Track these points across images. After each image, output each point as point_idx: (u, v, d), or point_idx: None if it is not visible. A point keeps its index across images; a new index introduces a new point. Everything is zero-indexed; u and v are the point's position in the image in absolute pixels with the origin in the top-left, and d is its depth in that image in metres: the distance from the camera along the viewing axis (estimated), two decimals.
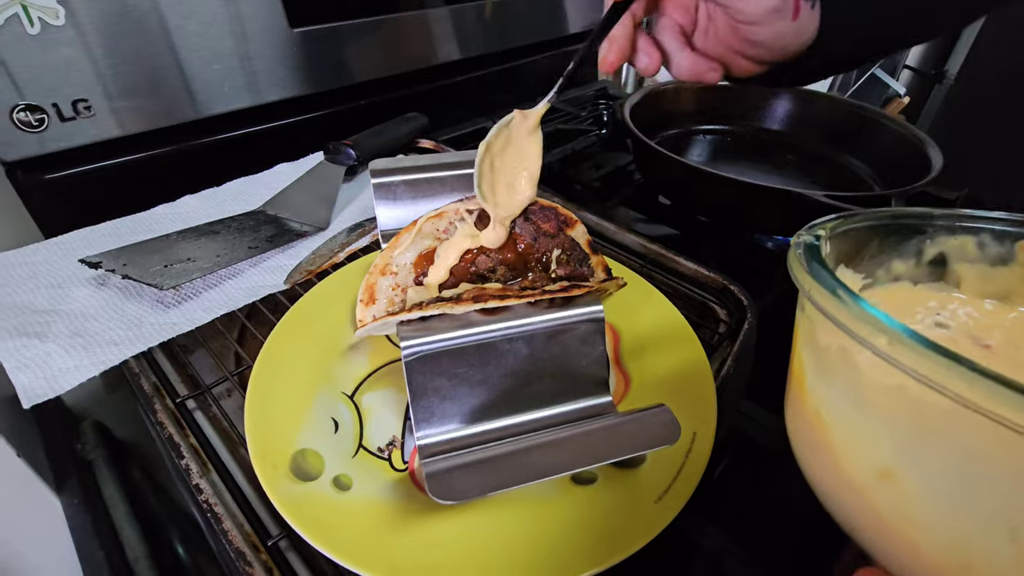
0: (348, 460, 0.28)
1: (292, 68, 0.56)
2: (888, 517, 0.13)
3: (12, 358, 0.32)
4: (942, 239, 0.21)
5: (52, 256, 0.41)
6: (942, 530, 0.12)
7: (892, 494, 0.13)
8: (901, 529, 0.13)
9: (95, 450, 0.55)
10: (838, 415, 0.15)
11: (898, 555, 0.14)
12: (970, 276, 0.21)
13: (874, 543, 0.15)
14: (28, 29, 0.41)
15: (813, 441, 0.16)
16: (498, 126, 0.33)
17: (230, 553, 0.25)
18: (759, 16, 0.30)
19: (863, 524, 0.15)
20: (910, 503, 0.13)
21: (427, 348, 0.27)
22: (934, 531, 0.12)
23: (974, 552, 0.12)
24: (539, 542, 0.24)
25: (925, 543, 0.13)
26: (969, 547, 0.12)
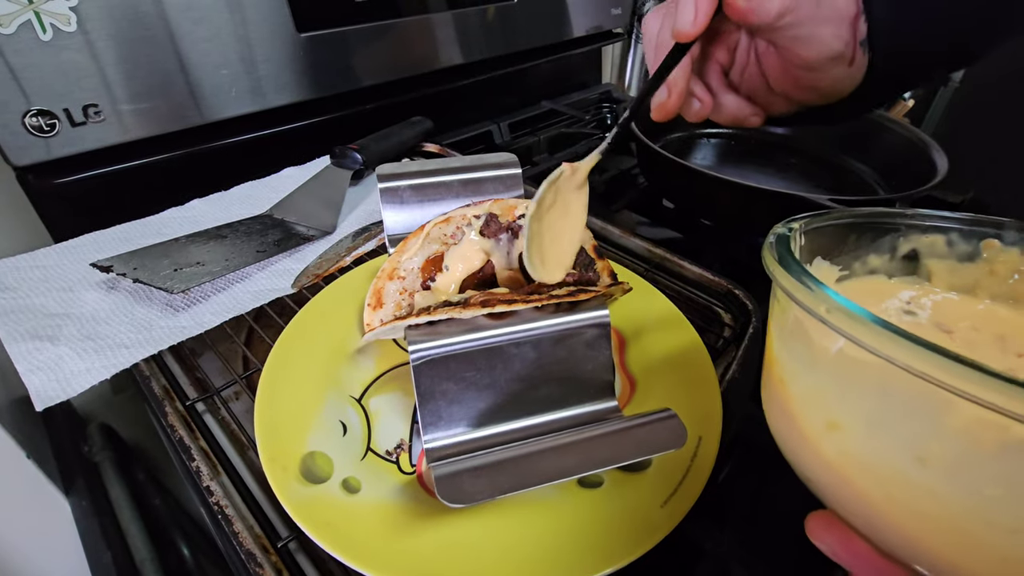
0: (357, 463, 0.28)
1: (299, 73, 0.56)
2: (833, 461, 0.16)
3: (25, 361, 0.33)
4: (915, 236, 0.23)
5: (63, 260, 0.41)
6: (871, 466, 0.15)
7: (836, 442, 0.16)
8: (842, 470, 0.16)
9: (102, 452, 0.56)
10: (795, 378, 0.18)
11: (840, 495, 0.17)
12: (940, 271, 0.23)
13: (822, 487, 0.18)
14: (40, 35, 0.42)
15: (778, 405, 0.19)
16: (547, 183, 0.30)
17: (240, 555, 0.25)
18: (819, 63, 0.29)
19: (815, 472, 0.17)
20: (849, 447, 0.16)
21: (435, 352, 0.28)
22: (866, 469, 0.15)
23: (893, 481, 0.15)
24: (546, 545, 0.24)
25: (859, 480, 0.16)
26: (890, 477, 0.15)
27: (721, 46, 0.33)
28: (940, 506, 0.14)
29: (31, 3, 0.41)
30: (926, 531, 0.14)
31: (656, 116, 0.33)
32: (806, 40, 0.29)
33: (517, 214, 0.35)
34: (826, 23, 0.28)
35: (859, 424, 0.15)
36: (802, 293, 0.16)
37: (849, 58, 0.29)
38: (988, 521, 0.13)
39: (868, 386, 0.15)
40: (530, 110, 0.81)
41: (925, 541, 0.14)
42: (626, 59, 1.04)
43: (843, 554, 0.17)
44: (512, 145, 0.71)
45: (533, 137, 0.72)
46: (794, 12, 0.28)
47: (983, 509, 0.13)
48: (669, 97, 0.32)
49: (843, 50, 0.29)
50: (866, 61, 0.30)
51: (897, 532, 0.15)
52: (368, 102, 0.64)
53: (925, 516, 0.14)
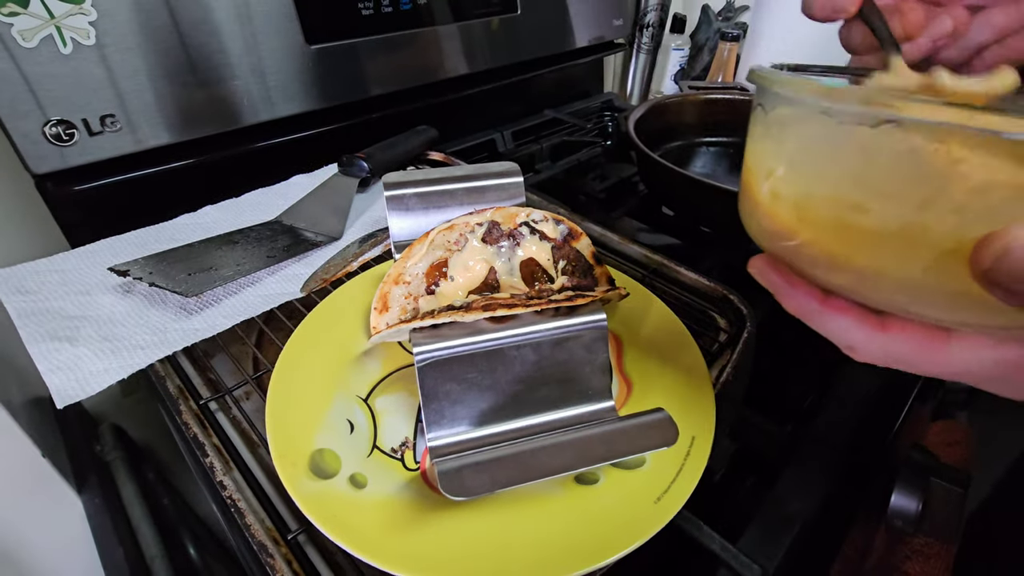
0: (363, 460, 0.29)
1: (308, 83, 0.58)
2: (767, 205, 0.21)
3: (45, 360, 0.34)
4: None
5: (81, 264, 0.43)
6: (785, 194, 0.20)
7: (769, 185, 0.20)
8: (771, 207, 0.20)
9: (113, 451, 0.57)
10: (753, 152, 0.22)
11: (770, 232, 0.21)
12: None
13: (762, 233, 0.22)
14: (61, 49, 0.43)
15: (745, 192, 0.23)
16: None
17: (252, 546, 0.26)
18: None
19: (759, 221, 0.22)
20: (776, 185, 0.20)
21: (438, 354, 0.29)
22: (783, 197, 0.20)
23: (798, 197, 0.19)
24: (544, 538, 0.25)
25: (779, 211, 0.20)
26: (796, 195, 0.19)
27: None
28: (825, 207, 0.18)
29: (52, 18, 0.43)
30: (818, 236, 0.19)
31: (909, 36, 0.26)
32: None
33: (518, 221, 0.36)
34: None
35: (780, 165, 0.20)
36: (761, 77, 0.20)
37: None
38: (856, 206, 0.17)
39: (785, 131, 0.20)
40: (533, 119, 0.82)
41: (818, 246, 0.19)
42: (628, 69, 1.06)
43: (768, 276, 0.21)
44: (515, 153, 0.73)
45: (536, 145, 0.74)
46: None
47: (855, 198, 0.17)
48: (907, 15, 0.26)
49: None
50: None
51: (804, 249, 0.19)
52: (375, 111, 0.65)
53: (818, 222, 0.19)
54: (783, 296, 0.21)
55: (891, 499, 0.35)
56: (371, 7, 0.59)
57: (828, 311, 0.20)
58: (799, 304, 0.20)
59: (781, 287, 0.21)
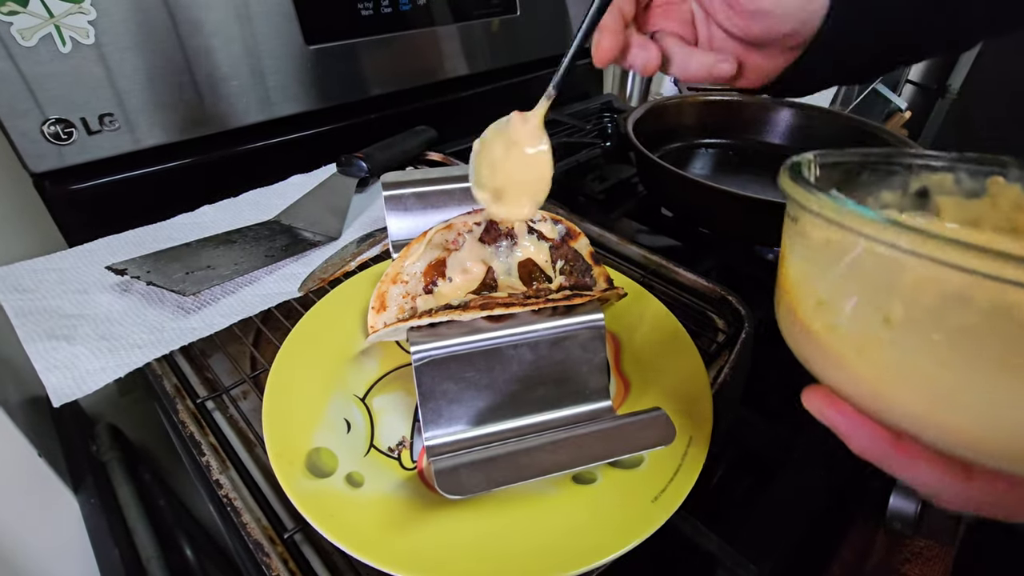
0: (360, 459, 0.29)
1: (307, 83, 0.58)
2: (821, 335, 0.19)
3: (42, 359, 0.34)
4: (925, 175, 0.25)
5: (78, 263, 0.43)
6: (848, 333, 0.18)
7: (822, 317, 0.19)
8: (828, 342, 0.19)
9: (109, 452, 0.57)
10: (794, 274, 0.20)
11: (828, 365, 0.19)
12: (948, 206, 0.25)
13: (815, 362, 0.20)
14: (60, 48, 0.43)
15: (785, 306, 0.21)
16: (494, 127, 0.31)
17: (249, 545, 0.26)
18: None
19: (809, 350, 0.20)
20: (832, 320, 0.18)
21: (436, 353, 0.29)
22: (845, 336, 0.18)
23: (865, 338, 0.17)
24: (541, 537, 0.25)
25: (840, 347, 0.18)
26: (863, 338, 0.17)
27: (672, 18, 0.32)
28: (901, 356, 0.16)
29: (52, 17, 0.43)
30: (892, 381, 0.17)
31: (595, 57, 0.32)
32: None
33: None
34: None
35: (838, 297, 0.18)
36: (799, 194, 0.19)
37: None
38: (938, 360, 0.16)
39: (844, 263, 0.18)
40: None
41: (891, 390, 0.17)
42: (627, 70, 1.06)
43: (829, 414, 0.19)
44: None
45: None
46: None
47: (931, 352, 0.16)
48: (601, 40, 0.31)
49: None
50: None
51: (870, 387, 0.17)
52: (373, 112, 0.65)
53: (890, 367, 0.17)
54: (847, 438, 0.19)
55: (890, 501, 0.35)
56: (370, 7, 0.59)
57: (903, 458, 0.18)
58: (867, 448, 0.18)
59: (844, 428, 0.19)
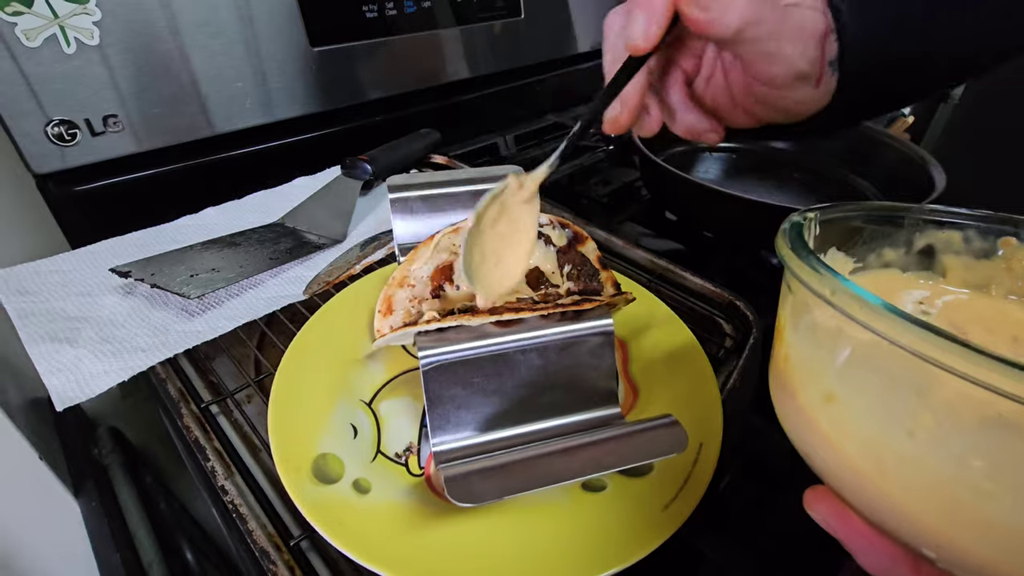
0: (367, 465, 0.29)
1: (311, 86, 0.58)
2: (829, 433, 0.17)
3: (45, 362, 0.34)
4: (931, 232, 0.23)
5: (82, 265, 0.43)
6: (863, 438, 0.16)
7: (831, 414, 0.17)
8: (836, 442, 0.17)
9: (111, 455, 0.57)
10: (798, 356, 0.19)
11: (835, 468, 0.17)
12: (956, 267, 0.23)
13: (819, 460, 0.18)
14: (64, 49, 0.43)
15: (780, 383, 0.20)
16: (489, 195, 0.28)
17: (254, 552, 0.26)
18: (784, 82, 0.27)
19: (812, 445, 0.18)
20: (843, 419, 0.17)
21: (444, 358, 0.29)
22: (858, 441, 0.16)
23: (884, 452, 0.15)
24: (550, 546, 0.25)
25: (852, 452, 0.16)
26: (880, 448, 0.15)
27: (687, 54, 0.31)
28: (927, 476, 0.14)
29: (56, 18, 0.42)
30: (914, 501, 0.15)
31: (607, 130, 0.31)
32: (770, 56, 0.27)
33: None
34: (792, 40, 0.26)
35: (853, 397, 0.16)
36: (808, 275, 0.17)
37: (816, 78, 0.27)
38: (973, 488, 0.14)
39: (863, 362, 0.16)
40: (535, 123, 0.82)
41: (912, 512, 0.15)
42: None
43: (838, 526, 0.17)
44: (518, 157, 0.73)
45: (539, 149, 0.74)
46: (756, 26, 0.26)
47: (967, 478, 0.14)
48: (621, 113, 0.30)
49: (808, 69, 0.27)
50: (835, 83, 0.28)
51: (887, 503, 0.16)
52: (378, 114, 0.65)
53: (913, 487, 0.15)
54: (859, 555, 0.17)
55: None
56: (375, 10, 0.59)
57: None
58: (884, 568, 0.16)
59: (856, 544, 0.17)
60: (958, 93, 1.12)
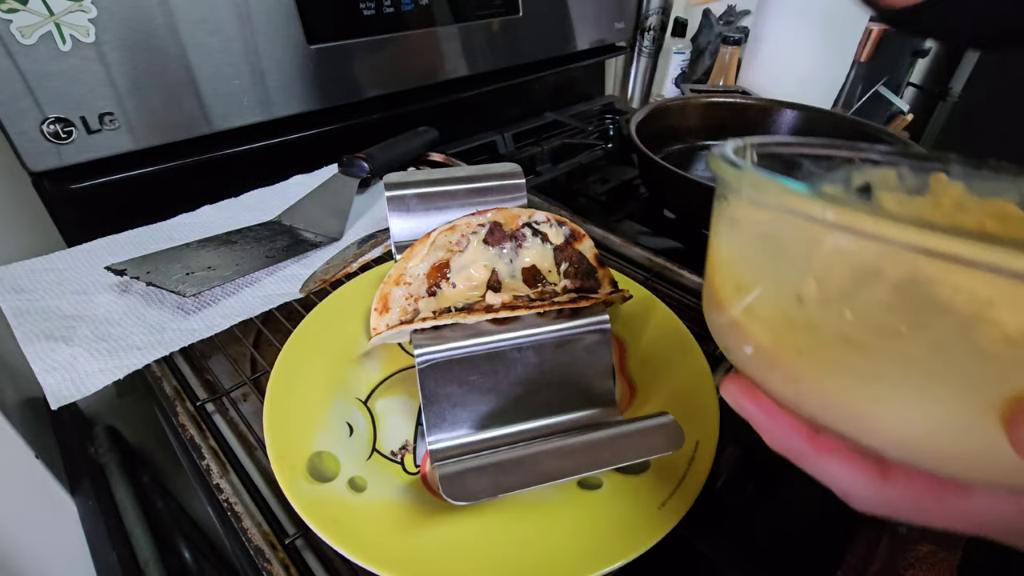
0: (362, 463, 0.29)
1: (308, 83, 0.57)
2: (740, 320, 0.18)
3: (40, 360, 0.34)
4: (868, 169, 0.24)
5: (77, 263, 0.42)
6: (764, 316, 0.17)
7: (741, 302, 0.18)
8: (745, 326, 0.18)
9: (107, 454, 0.57)
10: (717, 256, 0.20)
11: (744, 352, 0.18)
12: (891, 203, 0.24)
13: (734, 350, 0.19)
14: (60, 46, 0.43)
15: (709, 296, 0.20)
16: None
17: (249, 551, 0.26)
18: None
19: (730, 337, 0.19)
20: (750, 303, 0.18)
21: (440, 356, 0.29)
22: (761, 320, 0.17)
23: (778, 320, 0.16)
24: (546, 544, 0.25)
25: (757, 331, 0.17)
26: (778, 321, 0.16)
27: None
28: (813, 338, 0.16)
29: (52, 15, 0.42)
30: (804, 365, 0.16)
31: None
32: None
33: (520, 223, 0.36)
34: None
35: (754, 277, 0.18)
36: (723, 170, 0.18)
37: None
38: (849, 341, 0.15)
39: (761, 241, 0.17)
40: (534, 121, 0.82)
41: (804, 376, 0.16)
42: (629, 72, 1.06)
43: (745, 404, 0.18)
44: (516, 155, 0.73)
45: (537, 147, 0.73)
46: None
47: (847, 332, 0.15)
48: None
49: None
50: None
51: (784, 373, 0.17)
52: (375, 112, 0.65)
53: (803, 350, 0.16)
54: (763, 430, 0.18)
55: None
56: (373, 7, 0.59)
57: (819, 453, 0.17)
58: (783, 442, 0.18)
59: (761, 421, 0.18)
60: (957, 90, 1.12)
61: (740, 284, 0.18)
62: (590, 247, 0.36)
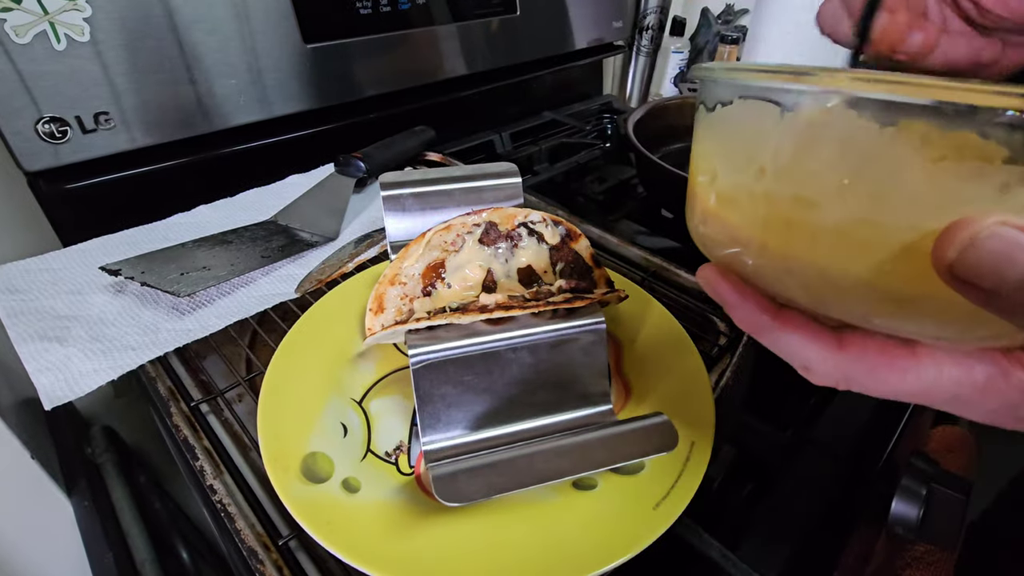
0: (357, 464, 0.29)
1: (305, 83, 0.57)
2: (711, 208, 0.19)
3: (34, 361, 0.34)
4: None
5: (72, 263, 0.42)
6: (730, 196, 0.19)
7: (712, 188, 0.19)
8: (716, 211, 0.19)
9: (104, 454, 0.56)
10: (696, 157, 0.21)
11: (716, 237, 0.20)
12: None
13: (708, 240, 0.20)
14: (55, 45, 0.43)
15: (688, 196, 0.22)
16: None
17: (242, 551, 0.26)
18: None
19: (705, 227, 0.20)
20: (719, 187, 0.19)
21: (434, 356, 0.28)
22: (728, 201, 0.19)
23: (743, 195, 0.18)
24: (540, 545, 0.25)
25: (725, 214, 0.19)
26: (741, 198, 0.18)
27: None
28: (772, 204, 0.17)
29: (46, 14, 0.42)
30: (766, 235, 0.17)
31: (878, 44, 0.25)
32: None
33: (516, 222, 0.36)
34: None
35: (721, 164, 0.19)
36: (702, 72, 0.19)
37: None
38: (800, 200, 0.16)
39: (728, 127, 0.19)
40: (532, 120, 0.82)
41: (767, 246, 0.17)
42: (627, 71, 1.06)
43: (716, 285, 0.20)
44: (514, 155, 0.73)
45: (535, 147, 0.73)
46: None
47: (799, 191, 0.16)
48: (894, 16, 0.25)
49: None
50: None
51: (752, 249, 0.18)
52: (372, 112, 0.65)
53: (765, 221, 0.17)
54: (732, 309, 0.19)
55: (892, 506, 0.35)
56: (369, 6, 0.59)
57: (781, 327, 0.18)
58: (749, 318, 0.19)
59: (730, 299, 0.19)
60: None
61: (711, 174, 0.19)
62: (586, 247, 0.36)
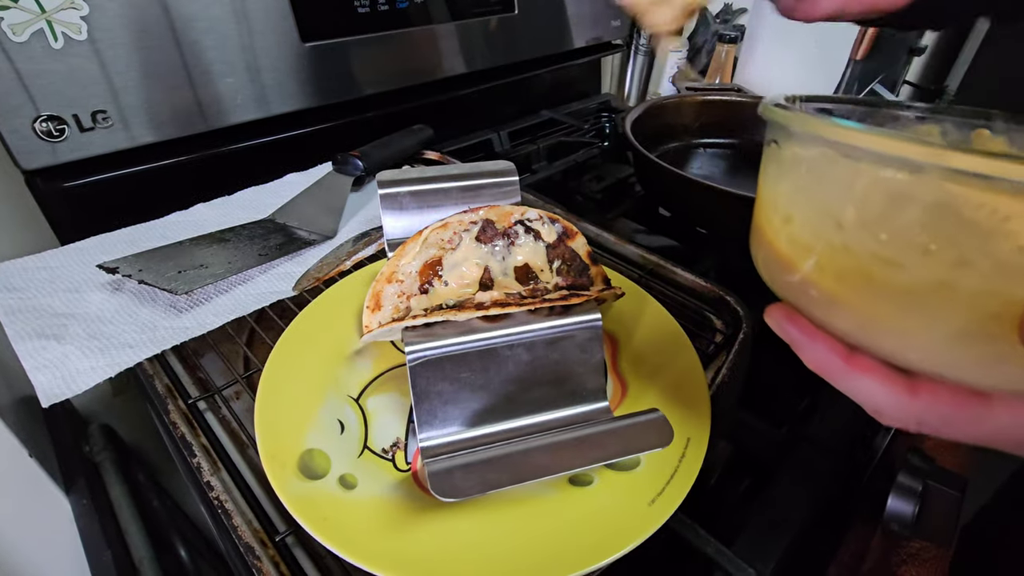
0: (353, 460, 0.29)
1: (302, 81, 0.57)
2: (784, 251, 0.19)
3: (32, 359, 0.34)
4: (912, 126, 0.25)
5: (69, 261, 0.42)
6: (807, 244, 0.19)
7: (787, 233, 0.19)
8: (790, 256, 0.19)
9: (102, 452, 0.57)
10: (766, 195, 0.21)
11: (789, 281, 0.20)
12: None
13: (780, 282, 0.20)
14: (52, 44, 0.43)
15: (755, 232, 0.22)
16: None
17: (240, 548, 0.26)
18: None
19: (776, 270, 0.20)
20: (794, 233, 0.19)
21: (431, 353, 0.29)
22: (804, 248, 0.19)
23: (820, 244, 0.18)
24: (536, 540, 0.25)
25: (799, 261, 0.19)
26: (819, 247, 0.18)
27: None
28: (851, 260, 0.17)
29: (44, 12, 0.42)
30: (842, 288, 0.18)
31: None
32: None
33: (513, 220, 0.36)
34: None
35: (799, 208, 0.19)
36: (776, 114, 0.19)
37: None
38: (881, 258, 0.16)
39: (805, 176, 0.19)
40: (530, 119, 0.82)
41: (843, 298, 0.18)
42: (625, 70, 1.06)
43: (787, 326, 0.20)
44: (512, 153, 0.73)
45: (532, 146, 0.73)
46: None
47: (882, 251, 0.16)
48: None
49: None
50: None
51: (825, 295, 0.18)
52: (370, 110, 0.65)
53: (842, 273, 0.17)
54: (803, 350, 0.19)
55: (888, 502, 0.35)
56: (367, 5, 0.59)
57: (853, 370, 0.18)
58: (821, 360, 0.19)
59: (800, 341, 0.19)
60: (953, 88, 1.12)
61: (786, 216, 0.19)
62: (583, 244, 0.36)
